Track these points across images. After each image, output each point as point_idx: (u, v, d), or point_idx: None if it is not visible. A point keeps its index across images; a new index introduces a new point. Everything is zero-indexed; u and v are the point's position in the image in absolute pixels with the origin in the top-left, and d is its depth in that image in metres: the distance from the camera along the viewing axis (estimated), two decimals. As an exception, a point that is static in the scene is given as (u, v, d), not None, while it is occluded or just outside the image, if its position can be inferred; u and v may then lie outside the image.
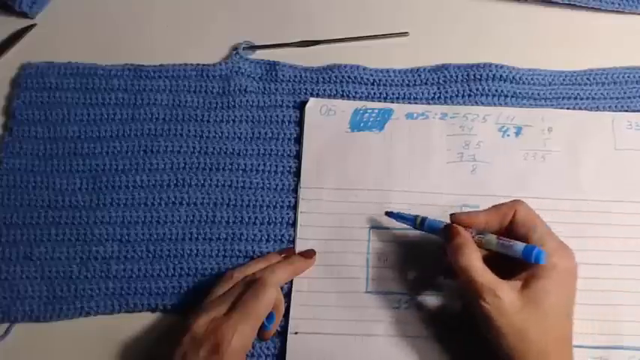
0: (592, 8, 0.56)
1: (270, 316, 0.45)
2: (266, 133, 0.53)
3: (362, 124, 0.52)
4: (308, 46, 0.56)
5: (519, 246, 0.40)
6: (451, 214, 0.44)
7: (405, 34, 0.56)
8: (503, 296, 0.38)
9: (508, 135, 0.51)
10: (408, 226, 0.47)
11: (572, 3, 0.56)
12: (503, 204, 0.43)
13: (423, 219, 0.45)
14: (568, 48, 0.56)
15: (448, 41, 0.56)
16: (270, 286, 0.44)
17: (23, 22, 0.58)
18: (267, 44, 0.56)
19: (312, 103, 0.53)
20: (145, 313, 0.49)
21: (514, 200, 0.43)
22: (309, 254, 0.48)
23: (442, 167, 0.51)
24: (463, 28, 0.57)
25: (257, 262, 0.48)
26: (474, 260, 0.40)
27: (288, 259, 0.48)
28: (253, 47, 0.56)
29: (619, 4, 0.56)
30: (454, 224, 0.43)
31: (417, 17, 0.57)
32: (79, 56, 0.56)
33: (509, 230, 0.42)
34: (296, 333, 0.46)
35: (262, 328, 0.45)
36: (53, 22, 0.59)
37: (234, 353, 0.41)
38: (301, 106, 0.53)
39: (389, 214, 0.48)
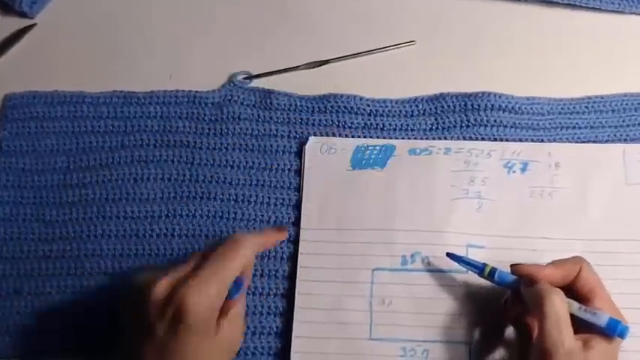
0: (592, 8, 0.56)
1: (236, 285, 0.41)
2: (259, 163, 0.52)
3: (363, 162, 0.50)
4: (313, 67, 0.55)
5: (603, 317, 0.39)
6: (512, 265, 0.43)
7: (412, 42, 0.55)
8: (570, 347, 0.38)
9: (514, 171, 0.49)
10: (419, 269, 0.47)
11: (571, 3, 0.55)
12: (566, 260, 0.42)
13: (493, 269, 0.43)
14: (566, 48, 0.55)
15: (449, 45, 0.56)
16: (244, 242, 0.41)
17: (23, 22, 0.57)
18: (265, 72, 0.55)
19: (312, 142, 0.51)
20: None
21: (577, 257, 0.42)
22: (282, 227, 0.49)
23: (447, 204, 0.49)
24: (463, 30, 0.56)
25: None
26: (560, 308, 0.39)
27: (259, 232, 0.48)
28: (251, 77, 0.54)
29: (619, 4, 0.55)
30: (531, 273, 0.42)
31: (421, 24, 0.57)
32: (79, 56, 0.56)
33: (569, 289, 0.41)
34: None
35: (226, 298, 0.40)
36: (53, 22, 0.58)
37: (199, 319, 0.38)
38: (300, 146, 0.52)
39: (451, 255, 0.46)
